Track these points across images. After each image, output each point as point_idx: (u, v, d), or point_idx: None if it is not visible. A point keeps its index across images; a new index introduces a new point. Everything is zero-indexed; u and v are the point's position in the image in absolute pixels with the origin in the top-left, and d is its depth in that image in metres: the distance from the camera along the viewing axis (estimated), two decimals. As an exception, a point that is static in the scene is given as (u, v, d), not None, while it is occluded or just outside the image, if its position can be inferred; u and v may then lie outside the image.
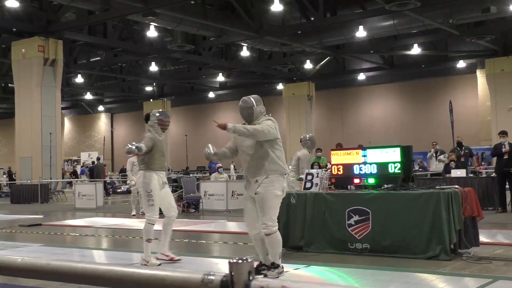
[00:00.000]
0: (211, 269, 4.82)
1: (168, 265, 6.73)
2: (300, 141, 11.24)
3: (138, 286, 1.56)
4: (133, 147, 6.47)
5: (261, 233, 5.52)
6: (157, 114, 6.85)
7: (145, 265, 6.54)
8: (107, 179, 27.55)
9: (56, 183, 22.73)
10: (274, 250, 5.57)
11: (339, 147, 18.00)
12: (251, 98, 5.70)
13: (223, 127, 5.38)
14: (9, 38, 23.15)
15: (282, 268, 5.68)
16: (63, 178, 26.17)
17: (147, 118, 6.97)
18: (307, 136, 11.18)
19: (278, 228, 7.71)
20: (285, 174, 5.68)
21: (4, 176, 32.16)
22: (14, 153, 23.70)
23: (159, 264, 6.66)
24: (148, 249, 6.65)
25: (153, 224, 6.64)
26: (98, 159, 26.77)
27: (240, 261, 1.33)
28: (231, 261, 1.33)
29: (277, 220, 5.61)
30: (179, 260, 6.84)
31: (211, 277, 1.37)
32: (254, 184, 5.50)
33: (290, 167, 12.36)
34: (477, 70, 28.16)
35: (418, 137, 26.87)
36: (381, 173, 7.32)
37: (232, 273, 1.32)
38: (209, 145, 5.76)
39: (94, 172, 25.16)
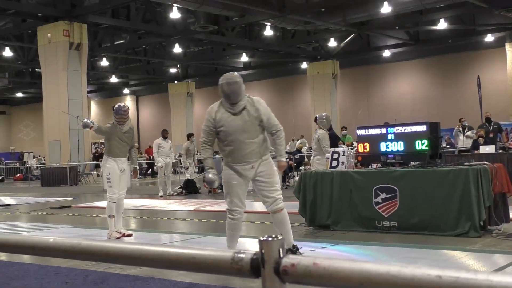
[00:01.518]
0: (240, 248, 4.84)
1: (192, 244, 6.80)
2: (315, 120, 11.16)
3: (168, 265, 1.57)
4: (88, 121, 7.45)
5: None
6: (113, 110, 7.57)
7: (109, 238, 7.33)
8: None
9: (85, 166, 23.06)
10: (288, 225, 5.45)
11: (330, 129, 17.69)
12: (237, 74, 5.41)
13: (284, 166, 5.76)
14: (34, 23, 23.38)
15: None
16: (97, 160, 26.53)
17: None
18: (323, 115, 11.09)
19: (305, 207, 7.73)
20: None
21: (35, 159, 32.73)
22: (43, 137, 24.08)
23: (118, 237, 7.40)
24: (111, 224, 7.45)
25: (114, 202, 7.43)
26: None
27: (270, 238, 1.32)
28: (261, 238, 1.32)
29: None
30: (130, 234, 7.62)
31: (241, 255, 1.36)
32: (250, 170, 5.31)
33: (312, 149, 12.31)
34: (506, 44, 27.49)
35: (446, 114, 26.46)
36: (408, 150, 7.24)
37: (263, 251, 1.31)
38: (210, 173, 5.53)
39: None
